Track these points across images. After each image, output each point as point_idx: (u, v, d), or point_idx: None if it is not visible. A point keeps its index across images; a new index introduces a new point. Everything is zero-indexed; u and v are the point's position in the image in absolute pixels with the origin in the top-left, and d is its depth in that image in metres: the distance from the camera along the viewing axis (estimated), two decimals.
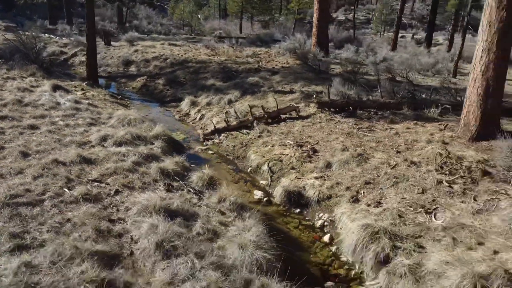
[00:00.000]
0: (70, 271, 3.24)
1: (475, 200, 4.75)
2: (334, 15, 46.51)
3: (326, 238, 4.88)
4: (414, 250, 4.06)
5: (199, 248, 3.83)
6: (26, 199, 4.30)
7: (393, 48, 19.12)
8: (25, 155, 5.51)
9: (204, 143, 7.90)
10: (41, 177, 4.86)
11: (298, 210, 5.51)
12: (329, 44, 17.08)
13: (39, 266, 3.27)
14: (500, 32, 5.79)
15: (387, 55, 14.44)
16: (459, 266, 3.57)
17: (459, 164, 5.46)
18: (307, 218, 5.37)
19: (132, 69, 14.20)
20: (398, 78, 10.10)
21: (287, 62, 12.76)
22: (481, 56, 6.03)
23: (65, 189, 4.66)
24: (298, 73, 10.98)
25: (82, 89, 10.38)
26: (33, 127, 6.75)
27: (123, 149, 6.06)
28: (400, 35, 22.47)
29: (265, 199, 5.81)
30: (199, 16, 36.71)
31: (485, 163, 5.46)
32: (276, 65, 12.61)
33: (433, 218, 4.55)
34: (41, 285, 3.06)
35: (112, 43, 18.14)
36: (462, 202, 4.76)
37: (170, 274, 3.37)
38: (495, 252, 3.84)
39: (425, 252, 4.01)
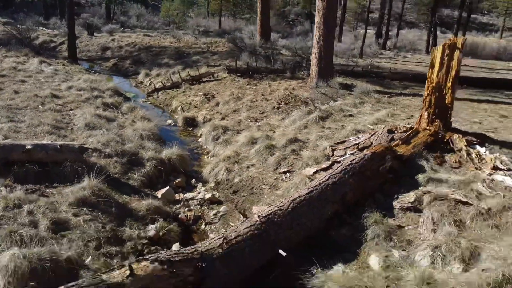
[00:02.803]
0: (37, 128, 6.40)
1: (287, 114, 7.93)
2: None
3: (199, 139, 8.04)
4: (235, 134, 7.23)
5: (111, 129, 6.98)
6: (15, 107, 7.46)
7: (338, 40, 22.32)
8: (16, 92, 8.66)
9: (146, 98, 11.07)
10: (26, 101, 8.02)
11: (191, 128, 8.67)
12: (278, 35, 20.29)
13: (21, 128, 6.42)
14: (324, 16, 8.98)
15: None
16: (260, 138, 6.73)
17: (293, 99, 8.63)
18: (194, 131, 8.52)
19: (108, 53, 17.36)
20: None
21: (228, 47, 15.94)
22: (315, 33, 9.22)
23: (39, 106, 7.82)
24: (230, 54, 14.15)
25: (63, 65, 13.53)
26: (23, 81, 9.89)
27: (81, 92, 9.23)
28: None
29: (173, 123, 8.98)
30: (190, 14, 39.63)
31: (307, 98, 8.63)
32: (220, 49, 15.80)
33: (255, 122, 7.73)
34: (21, 132, 6.21)
35: (96, 34, 21.28)
36: (279, 115, 7.94)
37: (88, 133, 6.53)
38: (274, 132, 7.02)
39: (239, 134, 7.17)
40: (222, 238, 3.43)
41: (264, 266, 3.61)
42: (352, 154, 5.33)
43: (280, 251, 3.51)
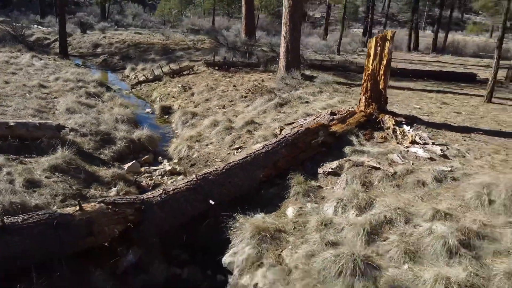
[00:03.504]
0: (22, 112, 7.17)
1: (251, 102, 8.70)
2: (310, 13, 50.56)
3: (172, 124, 8.81)
4: (202, 118, 8.00)
5: (89, 114, 7.76)
6: (4, 94, 8.23)
7: (324, 38, 23.11)
8: (6, 82, 9.42)
9: (130, 90, 11.84)
10: (14, 90, 8.78)
11: (167, 116, 9.44)
12: (264, 33, 21.05)
13: (7, 111, 7.19)
14: (290, 13, 9.75)
15: (302, 41, 18.37)
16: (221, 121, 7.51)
17: (260, 89, 9.41)
18: (169, 118, 9.29)
19: (99, 50, 18.13)
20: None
21: (212, 44, 16.71)
22: (283, 28, 9.99)
23: (26, 94, 8.59)
24: (212, 50, 14.92)
25: (54, 60, 14.30)
26: (13, 73, 10.66)
27: (67, 82, 10.00)
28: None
29: (151, 112, 9.75)
30: (187, 13, 40.35)
31: (273, 88, 9.41)
32: (205, 46, 16.57)
33: (223, 109, 8.51)
34: (7, 115, 6.98)
35: (89, 32, 22.06)
36: (245, 103, 8.72)
37: (68, 116, 7.30)
38: (236, 117, 7.79)
39: (206, 118, 7.94)
40: (162, 190, 4.21)
41: (199, 216, 4.38)
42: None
43: (210, 201, 4.29)
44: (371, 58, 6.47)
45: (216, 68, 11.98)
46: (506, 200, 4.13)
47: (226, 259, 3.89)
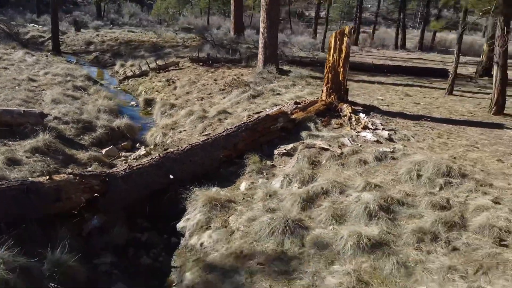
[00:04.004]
0: (10, 102, 7.69)
1: (228, 94, 9.22)
2: (306, 12, 51.15)
3: (153, 115, 9.32)
4: (180, 109, 8.52)
5: (73, 104, 8.27)
6: None
7: (314, 37, 23.63)
8: None
9: (118, 85, 12.36)
10: (4, 83, 9.30)
11: (149, 108, 9.96)
12: (254, 31, 21.55)
13: None
14: (267, 11, 10.27)
15: (290, 39, 18.94)
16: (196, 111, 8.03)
17: (238, 82, 9.93)
18: (152, 110, 9.81)
19: (91, 47, 18.64)
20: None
21: (201, 41, 17.23)
22: (261, 25, 10.51)
23: (16, 86, 9.11)
24: (200, 47, 15.45)
25: (46, 56, 14.81)
26: (5, 68, 11.18)
27: (56, 77, 10.52)
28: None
29: (136, 104, 10.28)
30: (185, 12, 40.82)
31: (250, 82, 9.93)
32: (194, 44, 17.09)
33: (201, 101, 9.03)
34: None
35: (83, 30, 22.57)
36: (222, 95, 9.24)
37: (53, 106, 7.82)
38: (211, 107, 8.32)
39: (183, 109, 8.46)
40: (127, 165, 4.74)
41: (162, 190, 4.90)
42: None
43: (170, 176, 4.81)
44: (331, 52, 7.00)
45: (201, 64, 12.50)
46: (432, 175, 4.67)
47: (180, 225, 4.42)
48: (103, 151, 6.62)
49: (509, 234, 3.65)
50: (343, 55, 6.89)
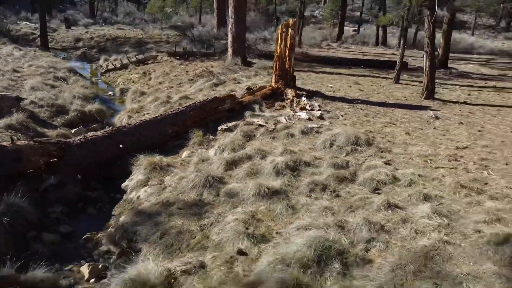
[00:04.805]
0: None
1: (195, 82, 10.02)
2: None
3: (125, 102, 10.13)
4: (149, 96, 9.32)
5: (51, 92, 9.07)
6: None
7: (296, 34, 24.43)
8: None
9: (100, 77, 13.16)
10: None
11: (125, 97, 10.76)
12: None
13: None
14: (235, 8, 11.07)
15: (273, 36, 19.71)
16: (161, 97, 8.84)
17: (206, 73, 10.73)
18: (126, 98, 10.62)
19: (80, 44, 19.43)
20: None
21: (182, 37, 18.06)
22: (229, 21, 11.31)
23: (0, 76, 9.91)
24: (178, 42, 16.27)
25: (35, 51, 15.59)
26: None
27: (39, 68, 11.32)
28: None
29: (113, 94, 11.08)
30: (181, 11, 41.51)
31: (218, 72, 10.73)
32: (176, 40, 17.90)
33: (170, 89, 9.84)
34: None
35: (73, 27, 23.35)
36: (190, 85, 10.04)
37: (31, 93, 8.62)
38: (177, 94, 9.12)
39: (152, 95, 9.26)
40: (82, 136, 5.55)
41: (114, 158, 5.70)
42: None
43: (120, 145, 5.62)
44: (279, 43, 7.80)
45: (177, 57, 13.31)
46: (343, 144, 5.49)
47: (124, 184, 5.23)
48: (72, 130, 7.42)
49: (385, 185, 4.47)
50: (288, 45, 7.69)
